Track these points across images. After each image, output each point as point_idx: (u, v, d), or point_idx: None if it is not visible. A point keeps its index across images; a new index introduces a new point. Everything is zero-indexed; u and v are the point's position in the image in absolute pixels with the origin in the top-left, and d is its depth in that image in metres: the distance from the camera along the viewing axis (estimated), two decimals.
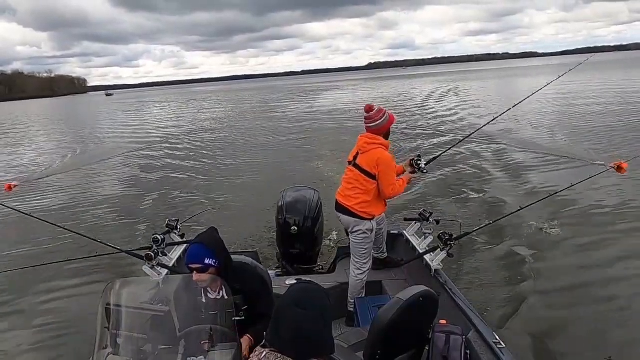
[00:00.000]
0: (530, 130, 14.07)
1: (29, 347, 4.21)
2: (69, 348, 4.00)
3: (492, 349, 2.30)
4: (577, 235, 5.67)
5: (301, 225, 4.06)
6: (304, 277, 3.75)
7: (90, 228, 7.04)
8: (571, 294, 4.34)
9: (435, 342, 2.28)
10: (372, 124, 3.33)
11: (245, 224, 6.93)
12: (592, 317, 3.98)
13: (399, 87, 49.28)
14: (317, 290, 1.52)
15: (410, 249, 3.80)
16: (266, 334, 1.45)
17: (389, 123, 3.36)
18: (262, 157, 13.15)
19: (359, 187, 3.33)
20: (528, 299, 4.33)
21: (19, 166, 15.03)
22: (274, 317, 1.44)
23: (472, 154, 10.99)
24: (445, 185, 8.44)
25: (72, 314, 4.60)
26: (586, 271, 4.73)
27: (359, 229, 3.37)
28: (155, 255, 3.23)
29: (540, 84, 4.25)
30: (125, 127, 26.76)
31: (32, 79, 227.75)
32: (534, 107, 18.19)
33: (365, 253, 3.45)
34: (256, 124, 23.13)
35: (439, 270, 3.30)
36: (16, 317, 4.77)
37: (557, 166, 9.14)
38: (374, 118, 3.32)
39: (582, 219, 6.24)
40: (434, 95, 33.29)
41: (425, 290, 2.25)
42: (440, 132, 14.99)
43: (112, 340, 1.90)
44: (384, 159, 3.26)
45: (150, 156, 14.43)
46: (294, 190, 4.39)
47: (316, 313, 1.42)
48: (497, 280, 4.76)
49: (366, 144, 3.33)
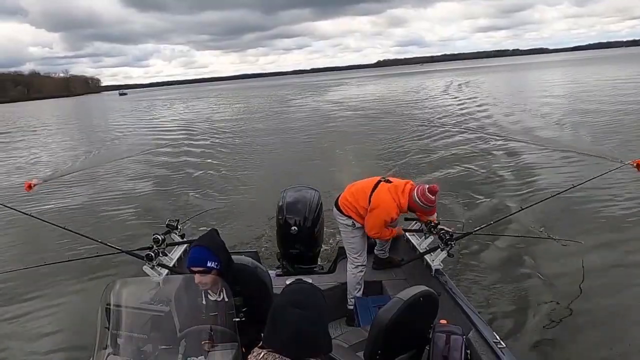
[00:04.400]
0: (542, 126, 13.92)
1: (30, 347, 4.21)
2: (69, 348, 4.00)
3: (492, 349, 2.30)
4: (581, 235, 5.51)
5: (301, 225, 4.06)
6: (304, 277, 3.75)
7: (90, 228, 7.03)
8: (572, 294, 4.32)
9: (436, 342, 2.28)
10: (420, 201, 3.23)
11: (246, 224, 6.93)
12: (592, 317, 3.97)
13: (410, 82, 49.47)
14: (312, 290, 1.53)
15: (411, 249, 3.80)
16: (263, 334, 1.45)
17: (428, 214, 3.38)
18: (266, 156, 13.15)
19: (358, 197, 3.40)
20: (528, 299, 4.32)
21: (47, 163, 15.17)
22: (271, 317, 1.44)
23: (480, 151, 10.96)
24: (448, 184, 8.40)
25: (73, 314, 4.61)
26: (589, 272, 4.67)
27: (341, 222, 3.50)
28: (155, 255, 3.24)
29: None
30: (146, 124, 27.71)
31: (48, 79, 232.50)
32: (548, 101, 17.96)
33: (352, 248, 3.52)
34: (262, 121, 23.29)
35: (439, 270, 3.30)
36: (16, 317, 4.77)
37: (568, 164, 9.05)
38: (427, 202, 3.24)
39: (589, 219, 6.17)
40: (445, 90, 33.39)
41: (426, 290, 2.25)
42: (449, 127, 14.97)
43: (112, 341, 1.91)
44: (384, 209, 3.26)
45: (168, 153, 14.56)
46: (294, 190, 4.39)
47: (312, 312, 1.42)
48: (497, 281, 4.75)
49: (396, 188, 3.29)
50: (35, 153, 18.21)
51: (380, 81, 68.21)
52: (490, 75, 53.94)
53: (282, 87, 78.73)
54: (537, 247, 5.34)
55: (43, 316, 4.70)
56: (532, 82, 35.98)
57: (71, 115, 49.45)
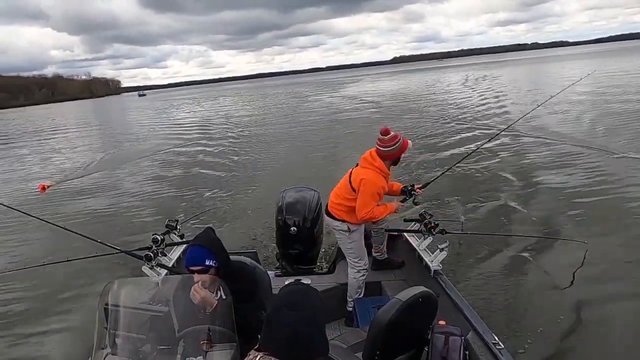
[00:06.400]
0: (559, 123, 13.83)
1: (29, 346, 4.21)
2: (68, 348, 4.00)
3: (491, 350, 2.30)
4: (585, 235, 5.41)
5: (301, 225, 4.05)
6: (304, 277, 3.75)
7: (90, 228, 7.04)
8: (573, 296, 4.31)
9: (434, 342, 2.28)
10: (382, 148, 3.26)
11: (245, 224, 6.93)
12: (593, 319, 3.96)
13: (425, 77, 49.83)
14: (307, 291, 1.51)
15: (410, 250, 3.80)
16: (260, 336, 1.44)
17: (400, 151, 3.28)
18: (270, 155, 13.12)
19: (342, 194, 3.38)
20: (528, 300, 4.32)
21: (63, 165, 15.34)
22: (267, 319, 1.43)
23: (482, 150, 10.96)
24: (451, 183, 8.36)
25: (71, 314, 4.61)
26: (591, 273, 4.63)
27: (335, 228, 3.47)
28: (154, 255, 3.24)
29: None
30: (162, 124, 28.21)
31: (71, 81, 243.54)
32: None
33: (351, 252, 3.48)
34: (275, 118, 23.44)
35: (438, 271, 3.31)
36: (15, 317, 4.78)
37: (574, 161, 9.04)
38: (387, 144, 3.24)
39: (594, 219, 6.11)
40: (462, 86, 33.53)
41: (425, 291, 2.25)
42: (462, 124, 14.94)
43: (110, 340, 1.91)
44: (368, 180, 3.21)
45: (174, 153, 14.68)
46: (294, 191, 4.39)
47: (308, 314, 1.41)
48: (496, 282, 4.74)
49: (365, 160, 3.33)
50: (63, 153, 18.58)
51: (394, 77, 68.59)
52: (513, 67, 53.96)
53: (298, 85, 79.57)
54: (539, 247, 5.33)
55: (42, 316, 4.70)
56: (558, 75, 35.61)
57: (95, 116, 51.11)
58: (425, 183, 3.96)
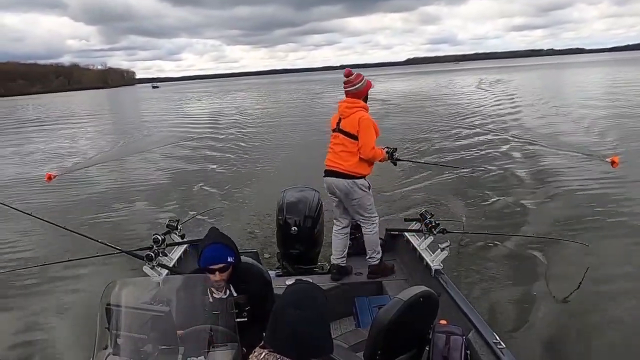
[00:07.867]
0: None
1: (29, 346, 4.20)
2: (69, 348, 4.00)
3: (492, 349, 2.30)
4: (588, 237, 5.38)
5: (301, 225, 4.05)
6: (304, 277, 3.75)
7: (90, 228, 7.03)
8: (574, 296, 4.29)
9: (436, 342, 2.28)
10: (351, 88, 3.48)
11: (246, 224, 6.92)
12: (594, 319, 3.96)
13: (438, 80, 50.17)
14: (312, 290, 1.52)
15: (411, 249, 3.80)
16: (265, 334, 1.45)
17: (367, 87, 3.52)
18: (274, 155, 13.05)
19: (346, 151, 3.47)
20: (529, 300, 4.32)
21: (75, 153, 15.56)
22: (272, 318, 1.44)
23: (493, 151, 10.96)
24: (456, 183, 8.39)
25: (72, 314, 4.60)
26: (593, 274, 4.59)
27: (356, 186, 3.50)
28: (155, 255, 3.23)
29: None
30: (174, 116, 28.47)
31: (88, 71, 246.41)
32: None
33: (369, 206, 3.58)
34: (284, 114, 23.51)
35: (439, 270, 3.30)
36: (16, 317, 4.76)
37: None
38: (354, 82, 3.47)
39: (597, 221, 6.13)
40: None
41: (426, 290, 2.25)
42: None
43: (112, 341, 1.90)
44: (365, 117, 3.41)
45: (180, 149, 14.56)
46: (295, 190, 4.39)
47: (313, 313, 1.42)
48: (498, 281, 4.74)
49: (347, 108, 3.48)
50: (76, 141, 18.91)
51: (407, 78, 68.65)
52: (529, 72, 54.14)
53: (311, 82, 79.84)
54: (540, 247, 5.33)
55: (43, 316, 4.69)
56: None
57: (112, 106, 52.34)
58: (408, 159, 4.10)
